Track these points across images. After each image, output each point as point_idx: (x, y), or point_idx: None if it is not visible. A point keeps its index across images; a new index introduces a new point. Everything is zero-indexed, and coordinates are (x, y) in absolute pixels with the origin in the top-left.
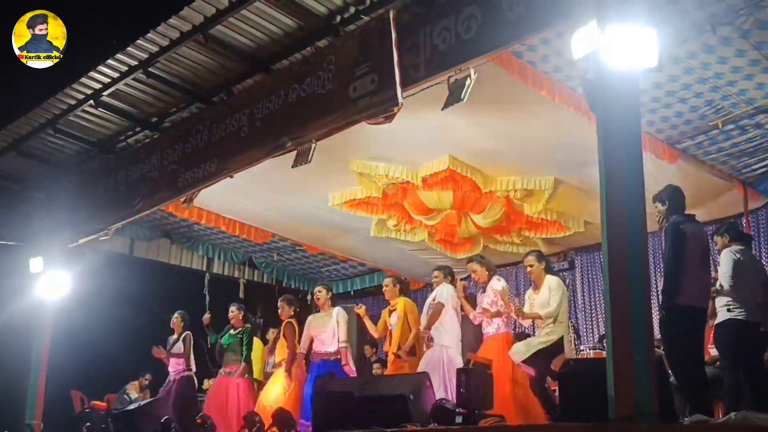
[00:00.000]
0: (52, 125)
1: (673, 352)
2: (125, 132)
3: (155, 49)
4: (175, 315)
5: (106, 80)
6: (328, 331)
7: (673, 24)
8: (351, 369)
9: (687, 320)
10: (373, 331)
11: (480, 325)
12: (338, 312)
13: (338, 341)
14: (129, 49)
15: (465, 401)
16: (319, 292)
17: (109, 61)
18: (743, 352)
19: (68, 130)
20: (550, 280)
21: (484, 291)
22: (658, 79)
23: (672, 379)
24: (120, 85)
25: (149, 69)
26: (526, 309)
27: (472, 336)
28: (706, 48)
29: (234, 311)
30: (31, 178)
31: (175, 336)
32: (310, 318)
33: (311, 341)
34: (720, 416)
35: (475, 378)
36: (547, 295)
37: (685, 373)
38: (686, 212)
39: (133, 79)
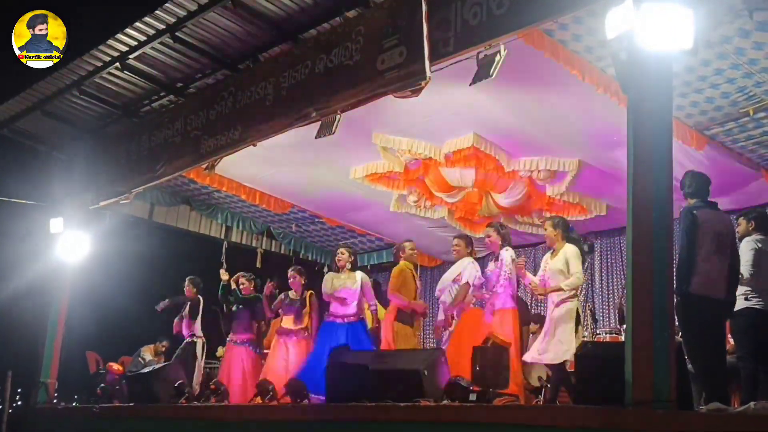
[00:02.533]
0: (77, 86)
1: (687, 339)
2: (150, 96)
3: (183, 13)
4: (186, 281)
5: (133, 43)
6: (350, 292)
7: (709, 6)
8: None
9: (697, 309)
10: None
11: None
12: (362, 276)
13: (362, 304)
14: (157, 12)
15: (479, 379)
16: (342, 253)
17: (137, 24)
18: (760, 341)
19: (93, 92)
20: (569, 249)
21: (496, 260)
22: (690, 63)
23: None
24: (147, 49)
25: (176, 33)
26: (539, 273)
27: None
28: (741, 32)
29: (244, 282)
30: (54, 138)
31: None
32: (331, 278)
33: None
34: (737, 406)
35: (491, 356)
36: (562, 265)
37: (700, 361)
38: (708, 199)
39: (160, 43)
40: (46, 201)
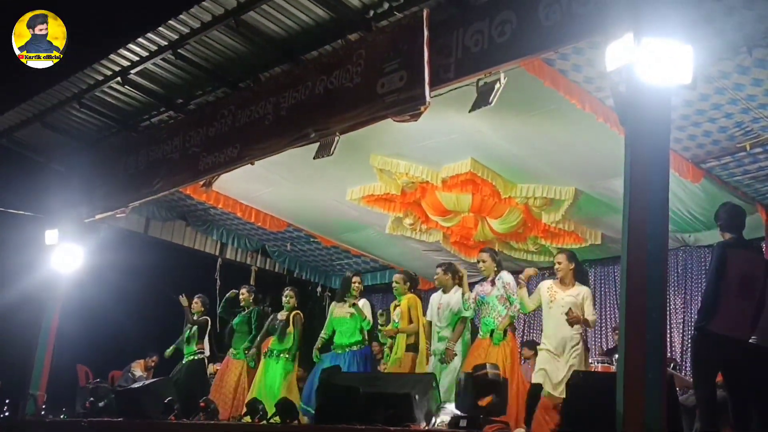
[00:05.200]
0: (78, 99)
1: (696, 373)
2: (150, 111)
3: (186, 30)
4: (195, 299)
5: (135, 58)
6: (349, 321)
7: (709, 42)
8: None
9: (713, 347)
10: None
11: None
12: (365, 303)
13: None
14: (160, 29)
15: (469, 406)
16: (360, 282)
17: (140, 40)
18: (751, 376)
19: (93, 106)
20: (587, 292)
21: (493, 284)
22: (689, 96)
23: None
24: (148, 65)
25: (179, 50)
26: (545, 300)
27: None
28: (740, 69)
29: (244, 293)
30: (52, 150)
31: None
32: (333, 306)
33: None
34: None
35: (482, 383)
36: (578, 301)
37: (705, 398)
38: (743, 236)
39: (161, 59)
40: (42, 212)
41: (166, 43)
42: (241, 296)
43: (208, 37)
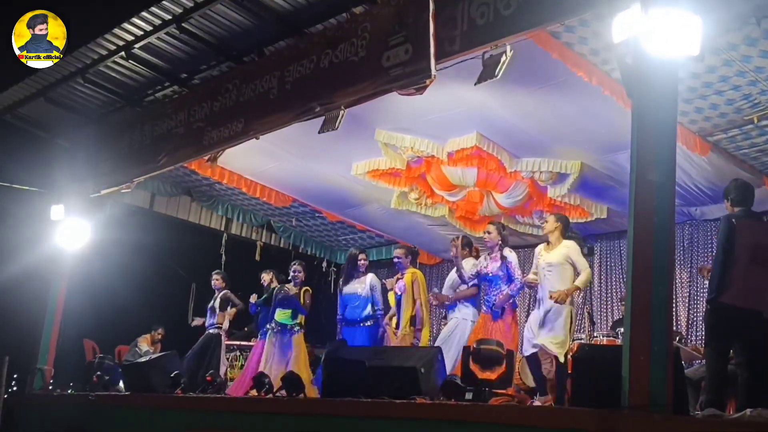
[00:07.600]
0: (81, 74)
1: (709, 346)
2: (154, 86)
3: (190, 4)
4: (215, 276)
5: (139, 33)
6: (361, 297)
7: (717, 13)
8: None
9: (726, 318)
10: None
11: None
12: (372, 278)
13: (374, 308)
14: (164, 3)
15: (474, 378)
16: (365, 258)
17: (143, 14)
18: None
19: (97, 81)
20: (569, 244)
21: (502, 260)
22: (696, 69)
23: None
24: (152, 39)
25: (183, 24)
26: (534, 264)
27: None
28: (748, 40)
29: (265, 276)
30: (57, 125)
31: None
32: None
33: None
34: (732, 413)
35: (489, 356)
36: (560, 259)
37: (713, 370)
38: (752, 209)
39: (165, 34)
40: (47, 188)
41: (170, 17)
42: (263, 279)
43: (213, 10)
